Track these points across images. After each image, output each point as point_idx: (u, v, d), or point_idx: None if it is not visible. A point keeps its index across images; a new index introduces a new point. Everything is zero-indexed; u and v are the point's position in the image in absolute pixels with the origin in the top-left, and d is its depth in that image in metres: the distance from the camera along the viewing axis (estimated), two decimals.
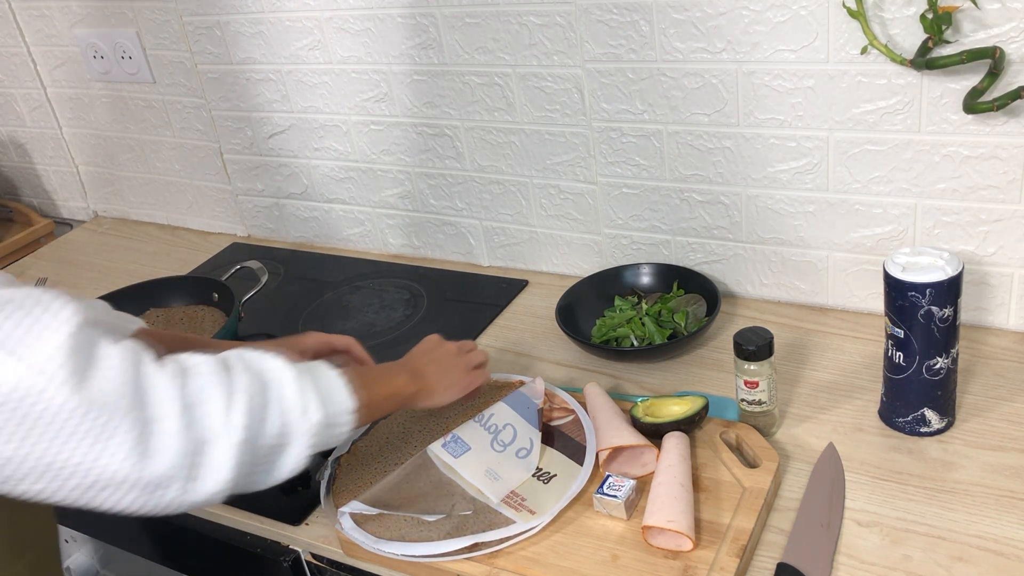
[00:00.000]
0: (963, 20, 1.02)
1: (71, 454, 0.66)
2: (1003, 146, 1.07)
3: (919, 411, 1.01)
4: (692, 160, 1.27)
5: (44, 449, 0.66)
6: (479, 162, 1.45)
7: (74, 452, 0.66)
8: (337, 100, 1.52)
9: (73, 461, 0.67)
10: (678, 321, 1.25)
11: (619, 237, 1.39)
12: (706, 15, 1.15)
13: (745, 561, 0.89)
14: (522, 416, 1.06)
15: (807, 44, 1.11)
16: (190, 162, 1.78)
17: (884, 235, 1.19)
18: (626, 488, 0.95)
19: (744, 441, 1.02)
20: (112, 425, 0.67)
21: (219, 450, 0.72)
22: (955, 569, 0.86)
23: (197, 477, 0.71)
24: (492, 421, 1.06)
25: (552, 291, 1.40)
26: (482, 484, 0.98)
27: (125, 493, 0.69)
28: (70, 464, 0.67)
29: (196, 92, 1.67)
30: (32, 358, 0.65)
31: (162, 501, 0.71)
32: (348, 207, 1.64)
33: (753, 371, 1.02)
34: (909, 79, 1.08)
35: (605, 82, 1.27)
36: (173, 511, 0.72)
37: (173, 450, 0.69)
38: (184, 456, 0.70)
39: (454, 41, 1.35)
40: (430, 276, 1.54)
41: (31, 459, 0.66)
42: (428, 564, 0.93)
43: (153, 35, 1.65)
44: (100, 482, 0.68)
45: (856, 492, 0.97)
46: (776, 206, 1.24)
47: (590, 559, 0.91)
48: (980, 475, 0.96)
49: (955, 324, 0.97)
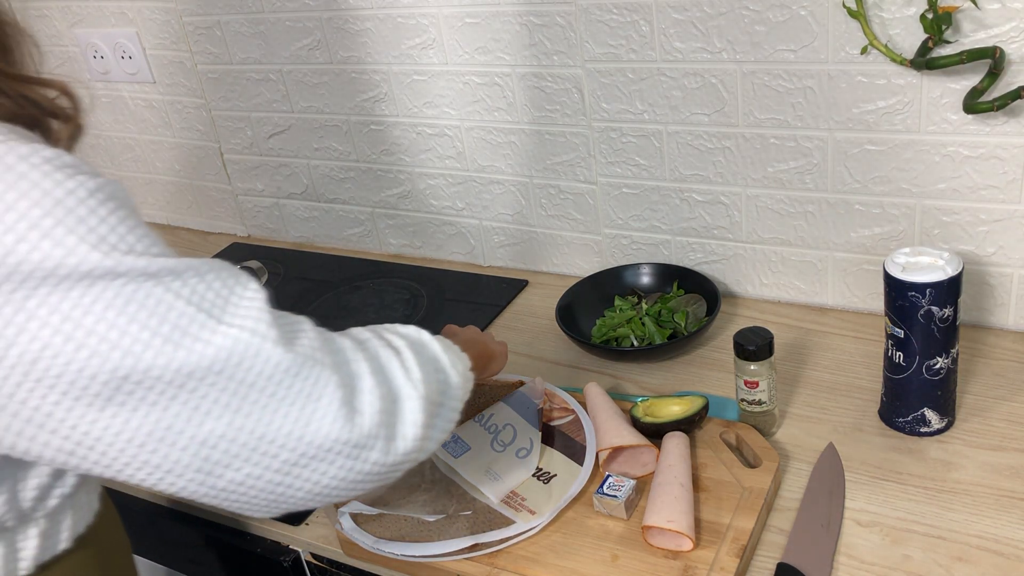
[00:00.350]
0: (963, 20, 1.02)
1: (283, 421, 0.65)
2: (1003, 146, 1.07)
3: (919, 411, 1.01)
4: (692, 160, 1.27)
5: (256, 420, 0.65)
6: (479, 162, 1.45)
7: (285, 418, 0.65)
8: (337, 100, 1.52)
9: (284, 430, 0.66)
10: (678, 321, 1.25)
11: (619, 237, 1.39)
12: (706, 15, 1.15)
13: (745, 561, 0.89)
14: (522, 416, 1.06)
15: (807, 44, 1.12)
16: (190, 162, 1.78)
17: (884, 235, 1.19)
18: (626, 488, 0.95)
19: (744, 441, 1.02)
20: (321, 383, 0.67)
21: (408, 405, 0.73)
22: (955, 569, 0.86)
23: (395, 436, 0.71)
24: (492, 421, 1.06)
25: (552, 291, 1.40)
26: (482, 484, 0.98)
27: (332, 461, 0.68)
28: (281, 434, 0.66)
29: (196, 92, 1.67)
30: (242, 322, 0.64)
31: (366, 465, 0.70)
32: (348, 207, 1.64)
33: (753, 371, 1.02)
34: (909, 79, 1.08)
35: (605, 82, 1.27)
36: (372, 481, 0.72)
37: (375, 407, 0.69)
38: (383, 413, 0.70)
39: (454, 41, 1.35)
40: (430, 276, 1.54)
41: (243, 433, 0.65)
42: (428, 564, 0.93)
43: (153, 35, 1.65)
44: (309, 451, 0.67)
45: (856, 492, 0.97)
46: (776, 206, 1.24)
47: (590, 559, 0.91)
48: (980, 475, 0.96)
49: (955, 324, 0.97)
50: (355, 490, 0.71)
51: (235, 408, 0.64)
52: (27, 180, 0.59)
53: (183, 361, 0.62)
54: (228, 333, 0.63)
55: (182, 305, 0.63)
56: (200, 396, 0.63)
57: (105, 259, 0.60)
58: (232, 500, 0.68)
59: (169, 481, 0.65)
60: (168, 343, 0.61)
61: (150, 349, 0.61)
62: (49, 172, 0.60)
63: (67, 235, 0.59)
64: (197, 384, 0.63)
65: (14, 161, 0.59)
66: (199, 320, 0.63)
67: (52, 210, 0.59)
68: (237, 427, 0.64)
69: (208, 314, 0.64)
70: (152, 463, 0.64)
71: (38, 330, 0.59)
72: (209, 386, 0.63)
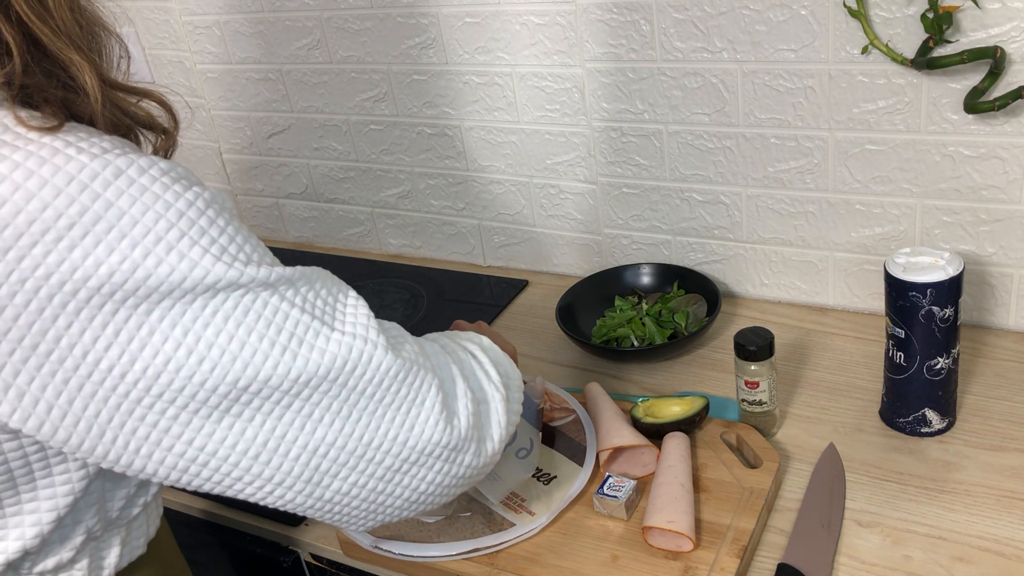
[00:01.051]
0: (964, 20, 1.02)
1: (389, 427, 0.67)
2: (1004, 146, 1.07)
3: (920, 411, 1.01)
4: (692, 160, 1.26)
5: (364, 426, 0.66)
6: (479, 162, 1.45)
7: (392, 424, 0.67)
8: (337, 100, 1.52)
9: (390, 435, 0.68)
10: (678, 321, 1.24)
11: (619, 237, 1.39)
12: (706, 14, 1.15)
13: (745, 562, 0.89)
14: (522, 416, 1.05)
15: (808, 44, 1.11)
16: (190, 162, 1.78)
17: (884, 235, 1.19)
18: (626, 488, 0.95)
19: (744, 441, 1.02)
20: (424, 388, 0.69)
21: (494, 407, 0.76)
22: (956, 569, 0.86)
23: (485, 437, 0.74)
24: None
25: (552, 291, 1.40)
26: (481, 485, 0.98)
27: (431, 465, 0.71)
28: (387, 439, 0.68)
29: (195, 92, 1.67)
30: (352, 328, 0.66)
31: (460, 468, 0.73)
32: (348, 207, 1.64)
33: (754, 371, 1.02)
34: (910, 79, 1.08)
35: (605, 82, 1.27)
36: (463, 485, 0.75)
37: (469, 410, 0.72)
38: (475, 416, 0.73)
39: (454, 41, 1.35)
40: (430, 276, 1.54)
41: (352, 440, 0.66)
42: (427, 564, 0.93)
43: (152, 34, 1.65)
44: (411, 456, 0.69)
45: (857, 492, 0.96)
46: (777, 206, 1.24)
47: (590, 559, 0.91)
48: (981, 475, 0.96)
49: (956, 324, 0.97)
50: (448, 495, 0.74)
51: (345, 415, 0.66)
52: (150, 193, 0.59)
53: (300, 369, 0.63)
54: (341, 340, 0.65)
55: (297, 313, 0.64)
56: (313, 404, 0.64)
57: (229, 271, 0.60)
58: (335, 512, 0.70)
59: (278, 494, 0.66)
60: (286, 352, 0.62)
61: (270, 359, 0.62)
62: (169, 184, 0.60)
63: (192, 247, 0.59)
64: (312, 392, 0.64)
65: (136, 174, 0.59)
66: (314, 328, 0.64)
67: (177, 223, 0.59)
68: (347, 434, 0.66)
69: (321, 321, 0.65)
70: (263, 475, 0.65)
71: (162, 344, 0.59)
72: (323, 393, 0.64)
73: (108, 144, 0.59)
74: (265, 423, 0.63)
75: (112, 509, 0.73)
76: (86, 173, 0.57)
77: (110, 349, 0.58)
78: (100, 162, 0.58)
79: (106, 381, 0.59)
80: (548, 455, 1.03)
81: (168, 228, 0.59)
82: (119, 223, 0.57)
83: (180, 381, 0.60)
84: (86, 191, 0.56)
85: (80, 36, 0.62)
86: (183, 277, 0.59)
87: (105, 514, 0.72)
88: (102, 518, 0.72)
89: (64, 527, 0.70)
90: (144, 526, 0.79)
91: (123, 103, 0.66)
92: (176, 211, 0.59)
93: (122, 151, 0.59)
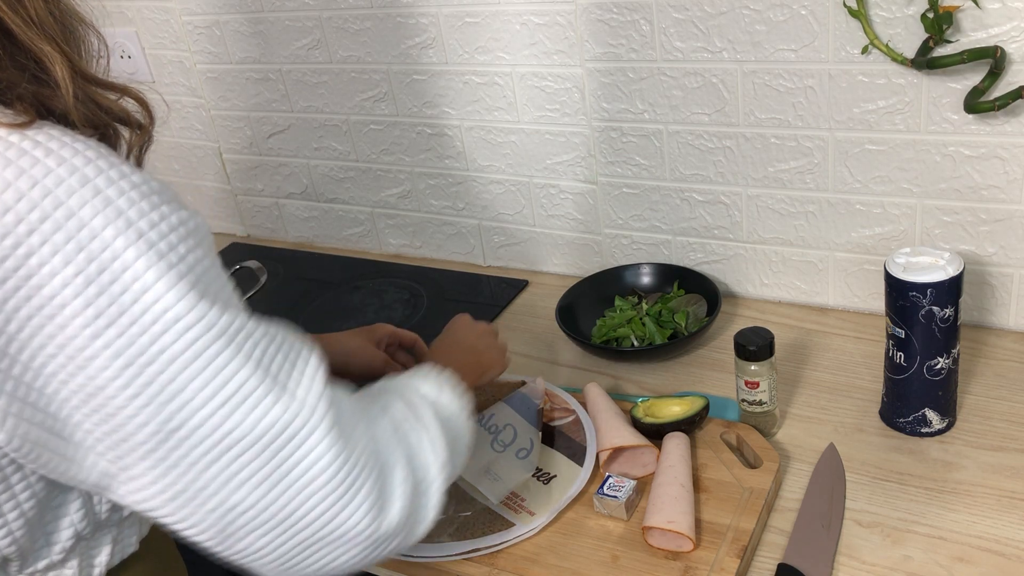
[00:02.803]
0: (964, 19, 1.02)
1: (314, 507, 0.63)
2: (1004, 146, 1.07)
3: (920, 411, 1.01)
4: (692, 160, 1.26)
5: (287, 499, 0.62)
6: (479, 162, 1.45)
7: (318, 505, 0.63)
8: (337, 100, 1.52)
9: (313, 515, 0.63)
10: (678, 321, 1.24)
11: (619, 237, 1.39)
12: (706, 14, 1.15)
13: (745, 562, 0.89)
14: (523, 416, 1.06)
15: (808, 44, 1.11)
16: (190, 162, 1.78)
17: (885, 235, 1.19)
18: (626, 488, 0.95)
19: (744, 441, 1.02)
20: (361, 479, 0.64)
21: (432, 490, 0.70)
22: (956, 569, 0.86)
23: (416, 522, 0.69)
24: (492, 421, 1.05)
25: (552, 291, 1.40)
26: (481, 485, 0.98)
27: (348, 550, 0.65)
28: (308, 517, 0.63)
29: (195, 92, 1.67)
30: (303, 395, 0.62)
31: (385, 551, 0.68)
32: (348, 207, 1.64)
33: (754, 371, 1.02)
34: (910, 79, 1.08)
35: (605, 82, 1.27)
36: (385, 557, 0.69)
37: (403, 501, 0.67)
38: (410, 506, 0.68)
39: (454, 41, 1.35)
40: (430, 276, 1.54)
41: (271, 509, 0.62)
42: (427, 564, 0.93)
43: (152, 34, 1.65)
44: (330, 538, 0.64)
45: (857, 492, 0.96)
46: (777, 206, 1.24)
47: (590, 559, 0.91)
48: (981, 475, 0.96)
49: (956, 324, 0.97)
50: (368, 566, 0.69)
51: (271, 484, 0.62)
52: (113, 208, 0.57)
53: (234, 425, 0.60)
54: (288, 407, 0.61)
55: (250, 369, 0.60)
56: (241, 464, 0.61)
57: (179, 304, 0.58)
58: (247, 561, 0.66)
59: (188, 532, 0.64)
60: (226, 405, 0.59)
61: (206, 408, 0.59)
62: (135, 200, 0.58)
63: (147, 270, 0.57)
64: (241, 452, 0.61)
65: (104, 184, 0.57)
66: (265, 386, 0.61)
67: (135, 243, 0.57)
68: (268, 502, 0.62)
69: (274, 380, 0.61)
70: (178, 515, 0.63)
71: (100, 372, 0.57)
72: (252, 456, 0.61)
73: (81, 147, 0.58)
74: (187, 472, 0.60)
75: (100, 512, 0.72)
76: (51, 179, 0.56)
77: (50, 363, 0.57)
78: (67, 168, 0.56)
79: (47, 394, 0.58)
80: (548, 455, 1.03)
81: (125, 247, 0.57)
82: (78, 235, 0.56)
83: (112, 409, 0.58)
84: (49, 197, 0.55)
85: (54, 27, 0.61)
86: (134, 299, 0.57)
87: (94, 516, 0.72)
88: (91, 520, 0.71)
89: (50, 531, 0.70)
90: (136, 525, 0.78)
91: (99, 98, 0.64)
92: (136, 230, 0.57)
93: (93, 158, 0.58)
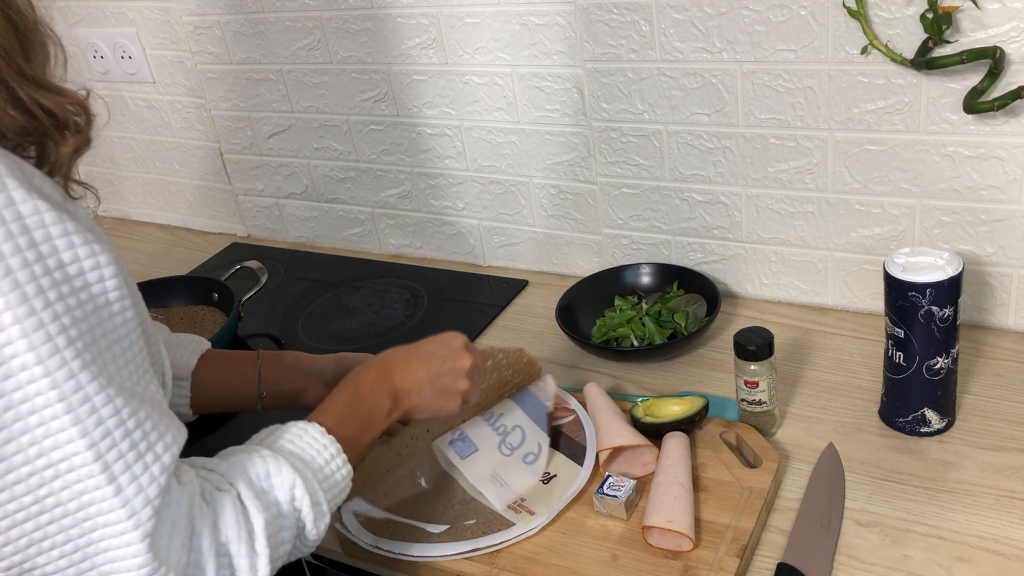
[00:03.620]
0: (963, 20, 1.02)
1: None
2: (1003, 146, 1.07)
3: (919, 411, 1.01)
4: (692, 160, 1.26)
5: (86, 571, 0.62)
6: (479, 162, 1.45)
7: None
8: (337, 100, 1.52)
9: None
10: (678, 321, 1.24)
11: (619, 237, 1.39)
12: (706, 15, 1.15)
13: (745, 561, 0.89)
14: (532, 418, 1.05)
15: (807, 44, 1.11)
16: (190, 162, 1.78)
17: (884, 235, 1.19)
18: (626, 488, 0.95)
19: (744, 441, 1.02)
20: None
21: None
22: (955, 569, 0.86)
23: None
24: (501, 422, 1.05)
25: (552, 291, 1.40)
26: (487, 490, 0.98)
27: None
28: None
29: (196, 92, 1.67)
30: (131, 495, 0.62)
31: None
32: (348, 207, 1.64)
33: (753, 371, 1.02)
34: (909, 79, 1.08)
35: (605, 82, 1.27)
36: None
37: None
38: None
39: (454, 41, 1.35)
40: (430, 276, 1.54)
41: None
42: (427, 564, 0.93)
43: (153, 35, 1.65)
44: None
45: (856, 492, 0.96)
46: (776, 206, 1.24)
47: (590, 559, 0.91)
48: (980, 475, 0.96)
49: (955, 324, 0.97)
50: None
51: (72, 561, 0.62)
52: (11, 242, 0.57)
53: (50, 492, 0.60)
54: (109, 499, 0.60)
55: (84, 444, 0.60)
56: (49, 535, 0.61)
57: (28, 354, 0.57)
58: None
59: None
60: (48, 469, 0.59)
61: (27, 467, 0.59)
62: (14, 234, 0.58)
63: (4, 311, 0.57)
64: (49, 520, 0.61)
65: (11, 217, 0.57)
66: (97, 466, 0.60)
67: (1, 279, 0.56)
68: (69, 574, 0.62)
69: (104, 466, 0.60)
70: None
71: None
72: (64, 532, 0.61)
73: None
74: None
75: None
76: None
77: None
78: None
79: None
80: (549, 455, 1.03)
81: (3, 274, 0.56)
82: None
83: None
84: None
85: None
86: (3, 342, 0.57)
87: None
88: None
89: None
90: None
91: (44, 100, 0.64)
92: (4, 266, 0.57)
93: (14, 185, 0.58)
